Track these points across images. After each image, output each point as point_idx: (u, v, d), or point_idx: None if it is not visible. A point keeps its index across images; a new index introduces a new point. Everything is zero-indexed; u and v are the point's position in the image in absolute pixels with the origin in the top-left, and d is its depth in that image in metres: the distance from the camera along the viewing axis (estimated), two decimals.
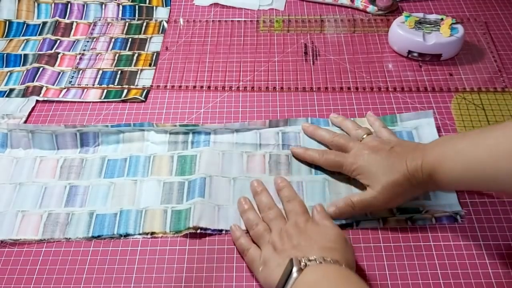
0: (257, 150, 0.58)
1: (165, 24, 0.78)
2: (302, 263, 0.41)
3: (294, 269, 0.41)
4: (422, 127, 0.59)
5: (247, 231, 0.50)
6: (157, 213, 0.53)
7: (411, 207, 0.52)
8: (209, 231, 0.51)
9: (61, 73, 0.70)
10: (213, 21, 0.78)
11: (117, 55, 0.72)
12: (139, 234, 0.51)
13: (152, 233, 0.51)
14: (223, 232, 0.51)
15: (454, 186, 0.49)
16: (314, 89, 0.66)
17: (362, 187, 0.53)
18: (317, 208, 0.51)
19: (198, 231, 0.51)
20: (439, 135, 0.58)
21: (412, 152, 0.48)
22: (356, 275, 0.42)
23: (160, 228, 0.51)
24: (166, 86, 0.67)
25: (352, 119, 0.60)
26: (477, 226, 0.51)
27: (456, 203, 0.52)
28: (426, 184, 0.47)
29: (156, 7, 0.80)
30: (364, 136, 0.54)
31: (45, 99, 0.66)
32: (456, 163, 0.44)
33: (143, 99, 0.65)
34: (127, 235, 0.51)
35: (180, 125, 0.60)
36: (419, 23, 0.69)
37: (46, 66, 0.70)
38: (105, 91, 0.67)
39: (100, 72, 0.69)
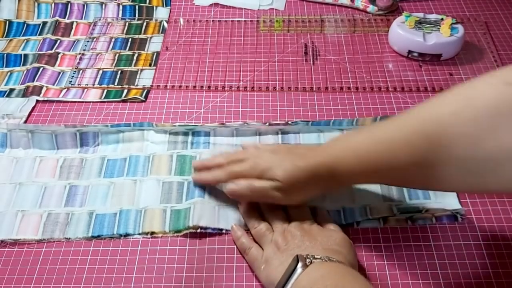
0: None
1: (165, 24, 0.78)
2: (308, 260, 0.41)
3: (299, 265, 0.41)
4: None
5: (248, 231, 0.50)
6: (156, 212, 0.53)
7: (411, 207, 0.52)
8: (209, 230, 0.51)
9: (61, 73, 0.70)
10: (213, 21, 0.78)
11: (117, 55, 0.72)
12: (139, 234, 0.51)
13: (152, 233, 0.51)
14: (223, 231, 0.51)
15: (354, 181, 0.50)
16: (314, 89, 0.66)
17: (365, 188, 0.53)
18: (321, 212, 0.51)
19: (198, 230, 0.51)
20: None
21: (312, 151, 0.48)
22: (361, 275, 0.42)
23: (160, 228, 0.51)
24: (166, 86, 0.67)
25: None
26: (477, 226, 0.51)
27: (456, 202, 0.52)
28: (329, 182, 0.47)
29: (156, 7, 0.81)
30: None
31: (45, 99, 0.66)
32: (352, 159, 0.45)
33: (143, 99, 0.65)
34: (127, 235, 0.51)
35: (179, 125, 0.60)
36: (419, 23, 0.69)
37: (46, 66, 0.70)
38: (105, 91, 0.67)
39: (100, 72, 0.69)
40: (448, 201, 0.52)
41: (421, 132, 0.40)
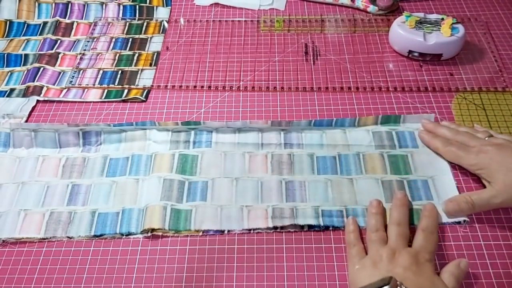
0: (259, 150, 0.58)
1: (166, 24, 0.78)
2: (399, 284, 0.40)
3: (388, 287, 0.40)
4: None
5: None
6: (156, 209, 0.53)
7: (415, 208, 0.52)
8: (211, 232, 0.51)
9: (62, 73, 0.70)
10: (213, 21, 0.78)
11: (118, 55, 0.72)
12: (141, 232, 0.51)
13: (152, 230, 0.51)
14: (225, 232, 0.51)
15: None
16: (315, 89, 0.66)
17: (368, 188, 0.53)
18: (454, 268, 0.46)
19: (200, 234, 0.51)
20: None
21: None
22: None
23: (159, 224, 0.51)
24: (166, 86, 0.67)
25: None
26: (477, 226, 0.51)
27: None
28: None
29: (157, 7, 0.81)
30: (487, 137, 0.54)
31: (46, 99, 0.66)
32: None
33: (144, 99, 0.65)
34: (129, 234, 0.51)
35: (182, 123, 0.60)
36: (420, 23, 0.69)
37: (47, 66, 0.70)
38: (106, 91, 0.67)
39: (101, 72, 0.70)
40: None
41: None
